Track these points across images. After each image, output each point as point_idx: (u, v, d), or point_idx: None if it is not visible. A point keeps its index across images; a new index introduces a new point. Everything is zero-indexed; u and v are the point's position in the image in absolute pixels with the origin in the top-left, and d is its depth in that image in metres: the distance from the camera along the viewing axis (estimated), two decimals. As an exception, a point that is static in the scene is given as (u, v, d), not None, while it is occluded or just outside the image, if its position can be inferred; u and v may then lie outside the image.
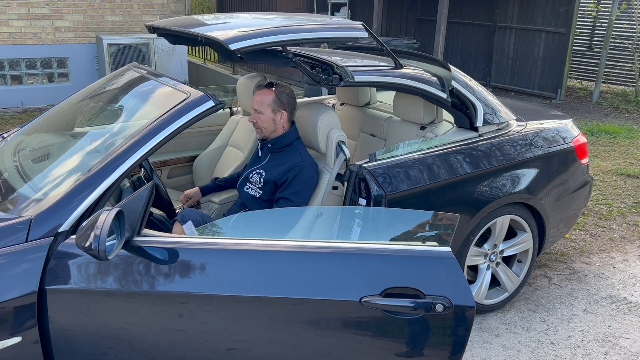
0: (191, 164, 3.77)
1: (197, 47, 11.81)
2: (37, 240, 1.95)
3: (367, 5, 10.34)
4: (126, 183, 2.69)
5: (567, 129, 3.56)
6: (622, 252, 4.19)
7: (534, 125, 3.47)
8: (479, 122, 3.15)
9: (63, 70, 8.69)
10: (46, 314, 1.91)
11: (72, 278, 1.93)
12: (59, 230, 1.98)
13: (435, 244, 1.87)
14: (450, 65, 3.18)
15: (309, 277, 1.86)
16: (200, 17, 3.05)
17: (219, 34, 2.52)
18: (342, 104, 3.96)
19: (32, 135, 2.80)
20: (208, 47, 11.36)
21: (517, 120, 3.51)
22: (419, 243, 1.88)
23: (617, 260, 4.05)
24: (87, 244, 1.73)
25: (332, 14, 10.37)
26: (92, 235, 1.73)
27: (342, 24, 2.81)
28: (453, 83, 3.07)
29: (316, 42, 2.89)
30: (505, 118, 3.31)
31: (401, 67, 3.01)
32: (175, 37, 3.10)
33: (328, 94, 4.59)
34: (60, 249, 1.96)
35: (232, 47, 2.39)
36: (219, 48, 3.06)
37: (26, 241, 1.95)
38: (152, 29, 3.13)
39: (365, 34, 2.74)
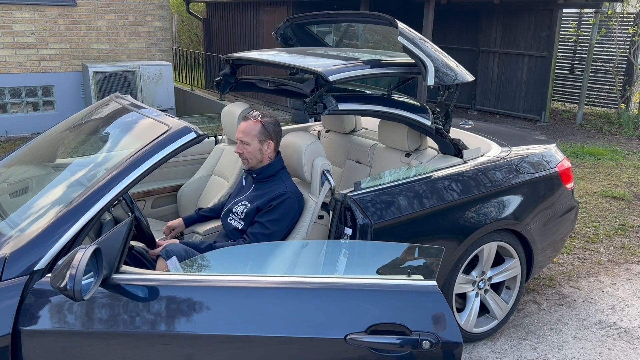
0: (176, 194, 3.72)
1: (186, 74, 11.84)
2: (11, 279, 1.89)
3: (353, 31, 10.46)
4: (107, 216, 2.64)
5: (551, 154, 3.57)
6: (610, 275, 4.18)
7: (518, 150, 3.48)
8: (429, 82, 2.85)
9: (48, 98, 8.65)
10: (21, 357, 1.84)
11: (49, 318, 1.87)
12: (35, 269, 1.92)
13: (421, 277, 1.84)
14: (399, 22, 2.94)
15: (292, 314, 1.81)
16: (272, 51, 3.23)
17: (315, 66, 2.70)
18: (327, 131, 3.96)
19: (11, 168, 2.75)
20: (197, 74, 11.36)
21: (501, 146, 3.52)
22: (404, 277, 1.84)
23: (606, 284, 4.04)
24: (63, 284, 1.67)
25: (318, 40, 10.44)
26: (67, 274, 1.67)
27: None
28: (400, 39, 2.82)
29: (397, 76, 3.07)
30: (460, 79, 3.01)
31: (390, 93, 3.02)
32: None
33: (314, 121, 4.59)
34: (36, 287, 1.90)
35: (331, 78, 2.62)
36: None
37: (0, 280, 1.89)
38: (230, 61, 3.28)
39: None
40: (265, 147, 2.72)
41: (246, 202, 2.73)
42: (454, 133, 3.77)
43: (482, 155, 3.31)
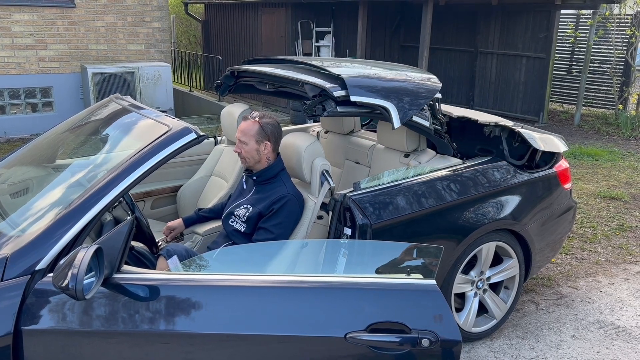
0: (175, 194, 3.73)
1: (184, 75, 11.85)
2: (13, 279, 1.90)
3: (351, 32, 10.49)
4: (107, 217, 2.65)
5: (549, 155, 3.59)
6: (608, 275, 4.20)
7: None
8: (396, 124, 2.73)
9: (47, 99, 8.65)
10: (22, 356, 1.85)
11: (50, 318, 1.88)
12: (36, 268, 1.93)
13: (420, 276, 1.85)
14: (346, 77, 2.81)
15: (292, 313, 1.82)
16: (275, 65, 3.30)
17: (320, 82, 2.78)
18: (326, 132, 3.97)
19: (11, 169, 2.76)
20: (196, 75, 11.36)
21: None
22: (403, 276, 1.86)
23: (604, 284, 4.06)
24: (64, 284, 1.68)
25: (317, 41, 10.50)
26: (69, 274, 1.69)
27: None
28: (353, 99, 2.71)
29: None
30: (430, 95, 2.94)
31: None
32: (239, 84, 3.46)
33: (313, 122, 4.60)
34: (38, 287, 1.91)
35: (336, 94, 2.71)
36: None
37: (1, 280, 1.90)
38: (234, 72, 3.36)
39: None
40: (263, 148, 2.73)
41: (248, 206, 2.74)
42: (469, 112, 3.72)
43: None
